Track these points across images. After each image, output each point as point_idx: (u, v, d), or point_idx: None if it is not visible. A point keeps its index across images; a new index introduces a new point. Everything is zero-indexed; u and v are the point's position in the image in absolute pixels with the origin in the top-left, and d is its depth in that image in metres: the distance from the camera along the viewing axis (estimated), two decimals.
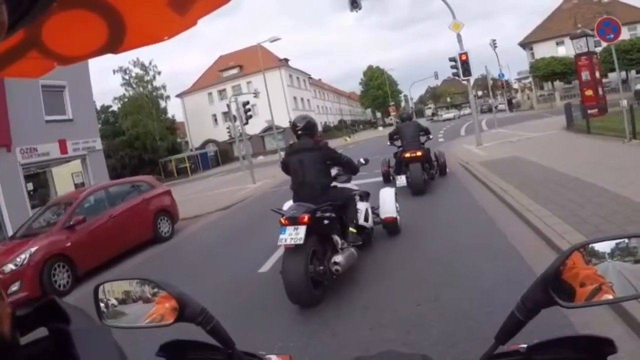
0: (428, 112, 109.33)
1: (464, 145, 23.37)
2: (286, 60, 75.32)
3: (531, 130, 25.06)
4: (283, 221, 5.81)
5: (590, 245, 1.06)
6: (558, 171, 11.40)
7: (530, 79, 62.68)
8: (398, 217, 8.55)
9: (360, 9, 22.55)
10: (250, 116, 28.29)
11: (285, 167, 7.10)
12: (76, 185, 23.22)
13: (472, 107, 24.69)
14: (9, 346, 0.60)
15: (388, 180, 13.77)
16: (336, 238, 6.45)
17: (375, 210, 8.27)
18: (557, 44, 57.04)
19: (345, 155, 7.27)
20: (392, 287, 6.14)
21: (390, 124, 77.60)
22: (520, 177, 11.70)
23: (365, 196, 7.84)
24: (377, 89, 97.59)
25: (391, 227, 8.49)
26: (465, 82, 24.53)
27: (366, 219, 7.52)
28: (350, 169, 7.42)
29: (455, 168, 16.01)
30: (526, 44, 63.49)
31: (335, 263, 6.05)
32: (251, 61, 62.84)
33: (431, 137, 13.75)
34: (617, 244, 1.05)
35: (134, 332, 1.34)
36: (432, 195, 12.10)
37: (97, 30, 1.18)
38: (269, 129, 59.43)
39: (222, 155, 68.12)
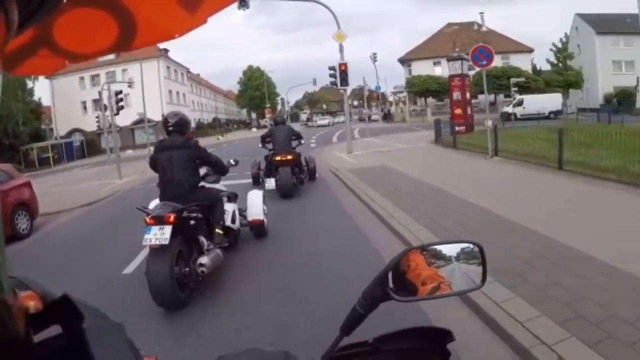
0: (303, 117, 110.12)
1: (335, 152, 23.90)
2: (166, 50, 73.02)
3: (402, 141, 26.33)
4: (148, 220, 5.63)
5: (430, 247, 1.22)
6: (424, 182, 12.11)
7: (405, 94, 65.86)
8: (265, 220, 8.56)
9: (247, 7, 22.47)
10: (122, 107, 26.74)
11: (154, 163, 6.82)
12: None
13: (346, 115, 25.35)
14: (23, 344, 0.59)
15: (257, 182, 13.81)
16: (202, 239, 6.37)
17: (242, 212, 8.26)
18: (435, 63, 61.16)
19: (215, 155, 7.13)
20: (259, 289, 6.17)
21: (265, 126, 77.39)
22: (388, 185, 12.19)
23: (233, 197, 7.91)
24: (255, 89, 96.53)
25: (258, 230, 8.48)
26: (342, 91, 25.11)
27: (233, 221, 7.56)
28: (219, 169, 7.24)
29: (325, 174, 16.28)
30: (405, 61, 66.96)
31: (201, 264, 5.97)
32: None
33: (303, 142, 13.88)
34: (453, 248, 1.23)
35: None
36: (301, 200, 12.26)
37: (107, 29, 1.18)
38: (140, 121, 57.57)
39: (89, 146, 63.66)
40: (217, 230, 6.76)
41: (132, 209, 7.67)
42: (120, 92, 27.16)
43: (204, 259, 6.03)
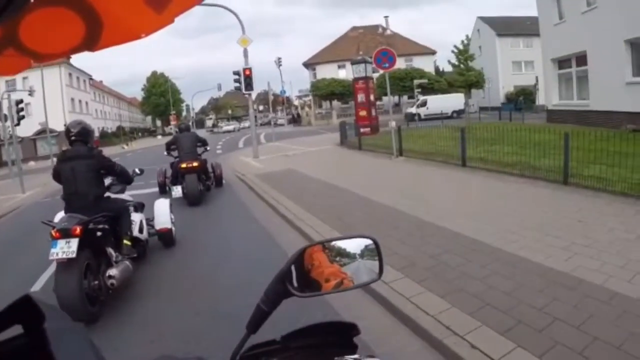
0: (209, 122, 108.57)
1: (241, 158, 23.67)
2: (68, 57, 70.28)
3: (307, 145, 26.44)
4: (54, 234, 5.38)
5: (331, 243, 1.30)
6: (330, 183, 12.20)
7: (310, 97, 66.04)
8: (173, 228, 8.39)
9: None
10: (23, 116, 25.46)
11: (57, 175, 6.48)
12: None
13: (252, 120, 25.06)
14: None
15: (164, 191, 13.49)
16: (110, 250, 6.18)
17: (150, 221, 8.03)
18: (339, 67, 62.14)
19: (120, 165, 6.86)
20: (171, 299, 6.04)
21: (170, 133, 76.20)
22: (294, 189, 12.19)
23: (139, 207, 7.72)
24: (160, 96, 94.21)
25: (166, 238, 8.27)
26: (247, 96, 24.79)
27: (141, 231, 7.33)
28: (124, 179, 7.03)
29: (232, 180, 16.09)
30: (309, 65, 67.47)
31: (110, 277, 5.77)
32: None
33: (208, 148, 13.82)
34: (352, 243, 1.30)
35: None
36: (208, 206, 12.06)
37: (74, 28, 1.16)
38: (42, 131, 55.37)
39: None
40: (125, 242, 6.56)
41: (36, 223, 7.14)
42: (21, 101, 25.85)
43: (112, 271, 5.83)
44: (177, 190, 12.12)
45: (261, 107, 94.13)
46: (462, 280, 5.10)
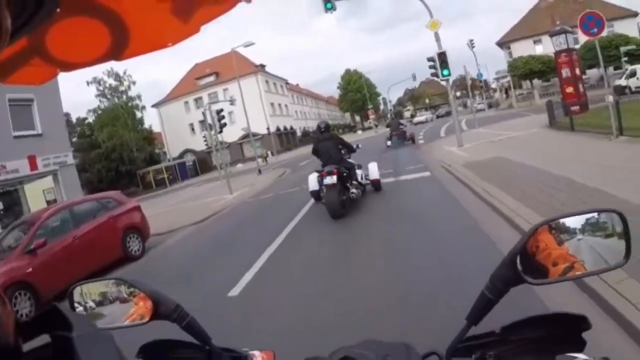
0: (407, 114, 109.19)
1: (445, 147, 22.84)
2: (262, 65, 74.80)
3: (512, 129, 24.63)
4: (324, 173, 11.00)
5: (559, 221, 1.09)
6: (546, 171, 10.87)
7: (508, 78, 62.57)
8: (380, 180, 13.73)
9: (334, 9, 22.07)
10: (224, 124, 27.94)
11: (316, 151, 12.34)
12: (48, 202, 22.46)
13: (453, 106, 24.27)
14: (12, 353, 0.62)
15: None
16: (349, 185, 11.65)
17: (367, 175, 13.39)
18: (535, 42, 57.48)
19: (348, 142, 12.72)
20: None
21: (370, 128, 77.46)
22: (504, 177, 11.34)
23: (359, 166, 13.03)
24: (356, 92, 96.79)
25: (376, 186, 13.65)
26: (444, 82, 24.07)
27: (361, 178, 12.85)
28: (350, 150, 12.71)
29: (437, 171, 15.78)
30: (503, 44, 63.89)
31: (352, 193, 11.68)
32: (227, 68, 62.17)
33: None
34: (586, 220, 1.09)
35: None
36: (410, 197, 12.83)
37: (100, 37, 1.17)
38: (246, 136, 58.98)
39: (201, 164, 66.85)
40: (354, 182, 12.16)
41: (240, 223, 13.04)
42: (222, 110, 28.43)
43: (353, 190, 11.77)
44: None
45: (458, 94, 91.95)
46: None
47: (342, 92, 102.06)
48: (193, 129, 70.96)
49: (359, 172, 12.58)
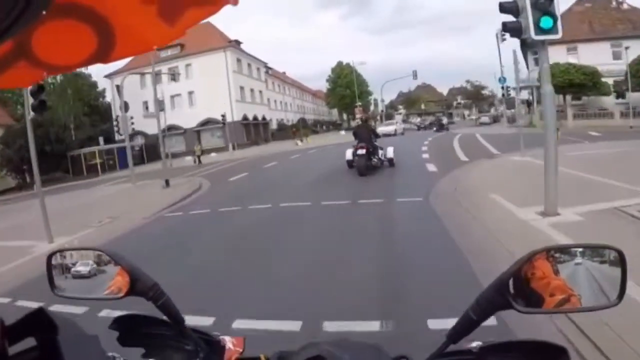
0: (398, 117, 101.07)
1: (498, 211, 9.89)
2: (237, 42, 64.27)
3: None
4: (357, 147, 18.07)
5: (558, 250, 1.07)
6: None
7: (531, 89, 51.21)
8: (394, 159, 19.73)
9: None
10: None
11: (356, 134, 19.17)
12: None
13: (549, 101, 14.02)
14: None
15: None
16: (372, 157, 18.53)
17: (385, 155, 19.66)
18: (568, 50, 45.60)
19: (376, 131, 21.07)
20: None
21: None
22: None
23: (381, 148, 19.65)
24: (345, 87, 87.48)
25: (391, 162, 19.65)
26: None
27: (381, 156, 19.39)
28: (376, 136, 19.76)
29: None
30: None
31: (373, 162, 18.63)
32: (196, 40, 52.53)
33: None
34: (585, 253, 1.07)
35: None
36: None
37: (86, 40, 1.20)
38: (207, 122, 53.68)
39: (149, 150, 54.45)
40: (376, 157, 18.93)
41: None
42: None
43: (374, 160, 18.81)
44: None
45: (462, 102, 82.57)
46: None
47: (330, 86, 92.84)
48: (147, 108, 58.32)
49: (380, 151, 19.36)
